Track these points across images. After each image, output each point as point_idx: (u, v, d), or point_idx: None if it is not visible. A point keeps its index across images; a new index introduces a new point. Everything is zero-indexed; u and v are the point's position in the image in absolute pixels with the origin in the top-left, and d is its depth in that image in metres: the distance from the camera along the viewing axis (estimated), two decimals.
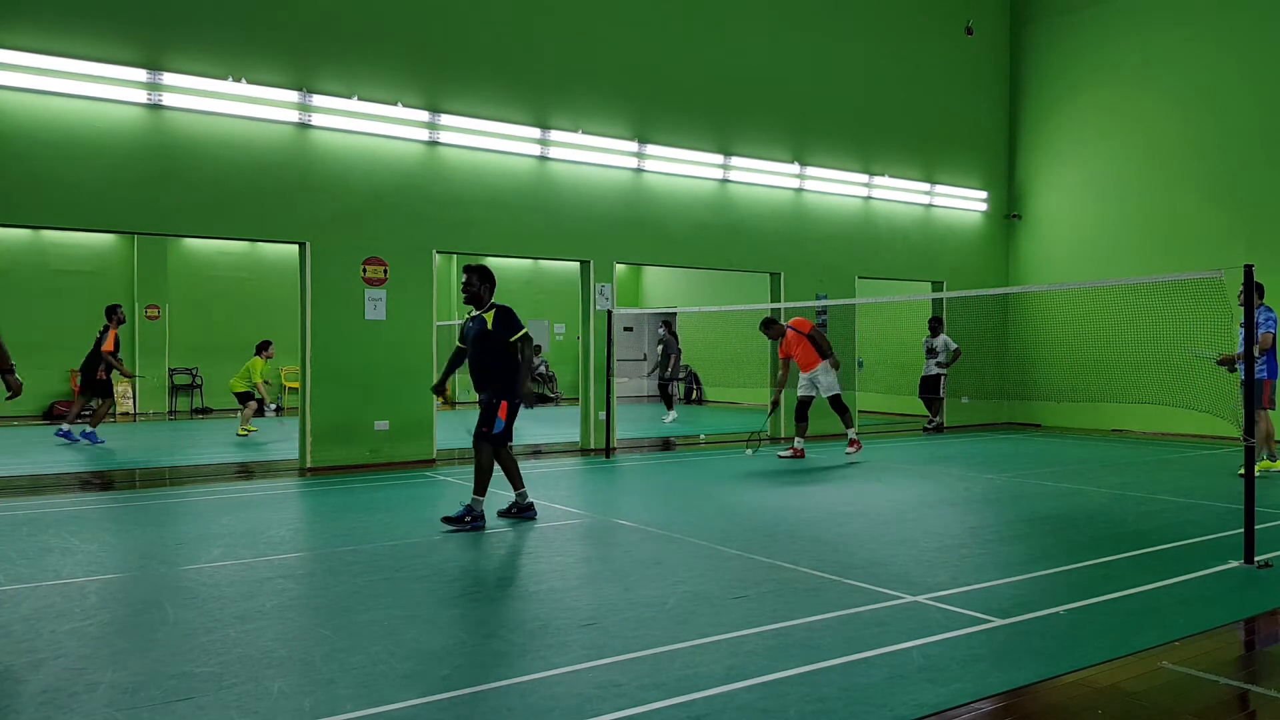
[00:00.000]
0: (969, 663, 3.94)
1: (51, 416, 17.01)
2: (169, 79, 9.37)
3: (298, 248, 10.37)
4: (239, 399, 14.06)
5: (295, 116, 10.05)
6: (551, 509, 7.62)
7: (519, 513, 7.24)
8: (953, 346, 14.65)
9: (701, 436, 14.31)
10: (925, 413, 15.46)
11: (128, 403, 17.92)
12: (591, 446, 12.11)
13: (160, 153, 9.42)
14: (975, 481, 9.36)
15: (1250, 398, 6.14)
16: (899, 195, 15.08)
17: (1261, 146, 13.31)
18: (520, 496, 7.26)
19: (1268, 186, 13.24)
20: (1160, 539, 6.46)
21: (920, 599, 4.89)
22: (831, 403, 11.19)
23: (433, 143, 10.88)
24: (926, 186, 15.37)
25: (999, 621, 4.49)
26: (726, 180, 13.25)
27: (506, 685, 3.70)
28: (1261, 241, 13.08)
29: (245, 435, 13.53)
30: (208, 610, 4.71)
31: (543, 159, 11.67)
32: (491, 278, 7.12)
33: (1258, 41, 13.41)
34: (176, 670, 3.84)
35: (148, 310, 18.25)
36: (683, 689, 3.61)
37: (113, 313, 12.73)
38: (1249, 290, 5.87)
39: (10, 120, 8.78)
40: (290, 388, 19.01)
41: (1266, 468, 9.43)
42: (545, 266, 21.75)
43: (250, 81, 9.78)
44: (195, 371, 18.82)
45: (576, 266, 12.43)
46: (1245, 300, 5.88)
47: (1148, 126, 14.59)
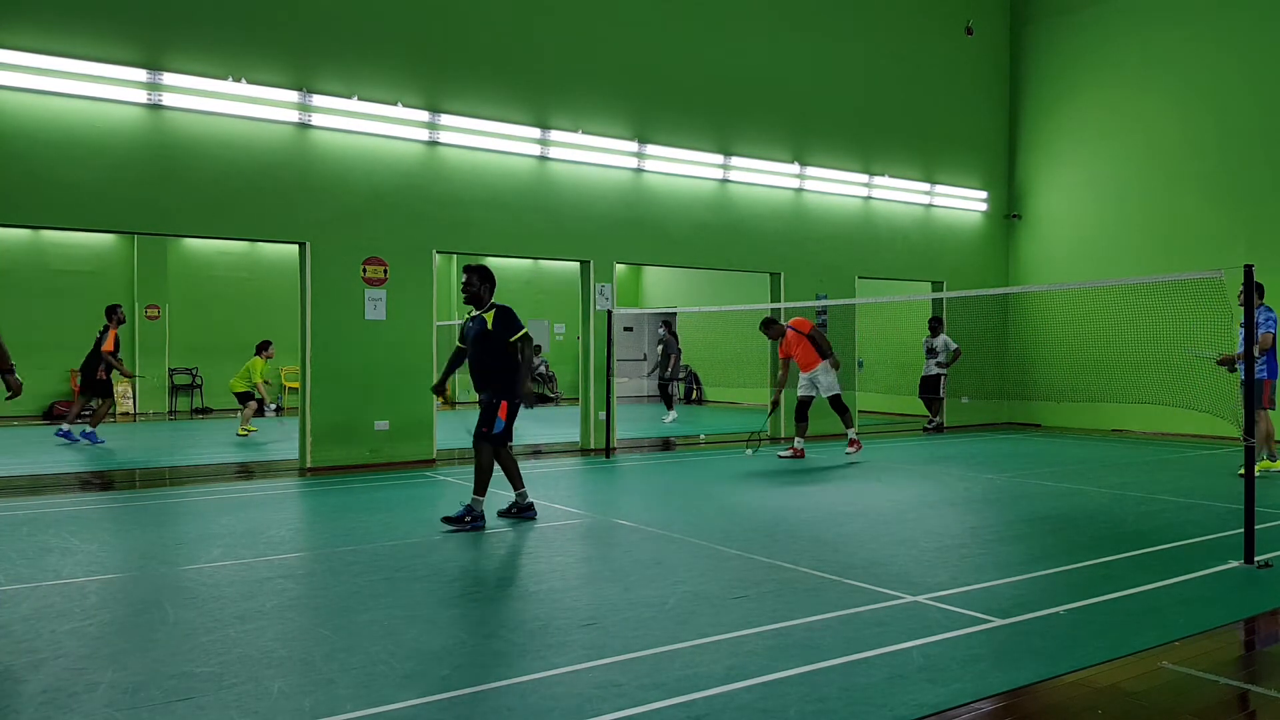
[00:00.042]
0: (969, 663, 3.94)
1: (51, 416, 17.01)
2: (169, 79, 9.38)
3: (298, 248, 10.38)
4: (239, 399, 14.07)
5: (295, 116, 10.05)
6: (551, 509, 7.62)
7: (519, 513, 7.24)
8: (953, 346, 14.65)
9: (701, 436, 14.31)
10: (925, 413, 15.46)
11: (128, 403, 17.92)
12: (591, 446, 12.11)
13: (160, 153, 9.43)
14: (975, 481, 9.36)
15: (1250, 398, 6.14)
16: (899, 195, 15.08)
17: (1261, 146, 13.31)
18: (520, 496, 7.26)
19: (1268, 186, 13.24)
20: (1160, 539, 6.47)
21: (920, 599, 4.89)
22: (831, 403, 11.20)
23: (433, 143, 10.89)
24: (926, 186, 15.37)
25: (999, 621, 4.49)
26: (726, 180, 13.25)
27: (506, 685, 3.70)
28: (1261, 241, 13.08)
29: (245, 435, 13.53)
30: (208, 610, 4.71)
31: (543, 159, 11.68)
32: (491, 278, 7.12)
33: (1258, 41, 13.41)
34: (176, 670, 3.84)
35: (148, 310, 18.25)
36: (683, 689, 3.61)
37: (113, 313, 12.73)
38: (1249, 290, 5.87)
39: (10, 120, 8.79)
40: (290, 388, 19.01)
41: (1266, 468, 9.44)
42: (545, 266, 21.75)
43: (250, 81, 9.78)
44: (195, 371, 18.82)
45: (576, 266, 12.43)
46: (1245, 300, 5.88)
47: (1148, 126, 14.59)
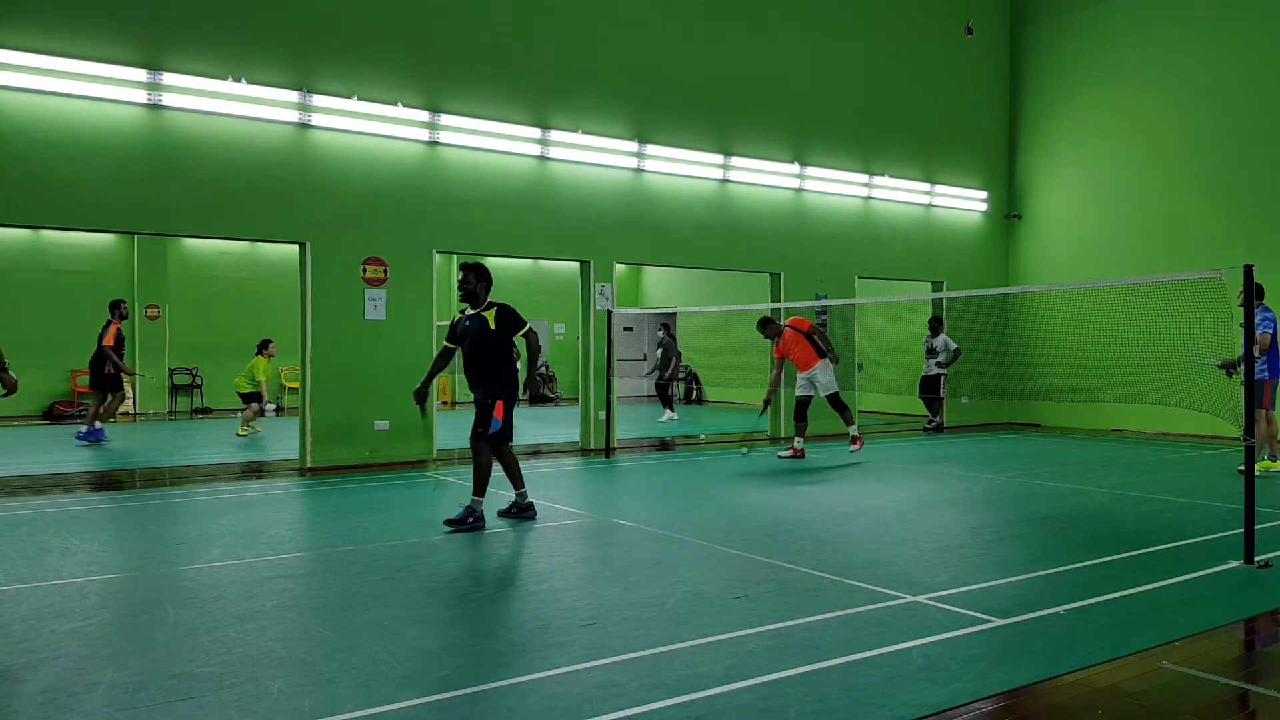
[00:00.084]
0: (969, 663, 3.94)
1: (51, 416, 17.02)
2: (169, 79, 9.37)
3: (298, 248, 10.37)
4: (244, 399, 14.01)
5: (295, 116, 10.05)
6: (551, 509, 7.62)
7: (519, 513, 7.24)
8: (953, 346, 14.65)
9: (701, 436, 14.31)
10: (925, 413, 15.47)
11: (128, 403, 17.91)
12: (591, 446, 12.11)
13: (160, 153, 9.43)
14: (975, 481, 9.36)
15: (1250, 397, 6.13)
16: (899, 195, 15.08)
17: (1261, 146, 13.31)
18: (520, 496, 7.26)
19: (1268, 186, 13.24)
20: (1160, 539, 6.47)
21: (920, 599, 4.89)
22: (830, 401, 11.20)
23: (433, 143, 10.88)
24: (926, 186, 15.37)
25: (999, 621, 4.49)
26: (726, 180, 13.24)
27: (506, 685, 3.70)
28: (1261, 241, 13.08)
29: (244, 436, 13.51)
30: (208, 610, 4.71)
31: (543, 159, 11.67)
32: (488, 276, 7.08)
33: (1258, 41, 13.41)
34: (176, 670, 3.84)
35: (148, 310, 18.25)
36: (683, 689, 3.61)
37: (115, 307, 12.71)
38: (1249, 290, 5.87)
39: (10, 120, 8.79)
40: (290, 388, 19.00)
41: (1266, 468, 9.44)
42: (545, 266, 21.75)
43: (250, 81, 9.78)
44: (195, 371, 18.82)
45: (576, 266, 12.43)
46: (1245, 300, 5.88)
47: (1148, 126, 14.59)
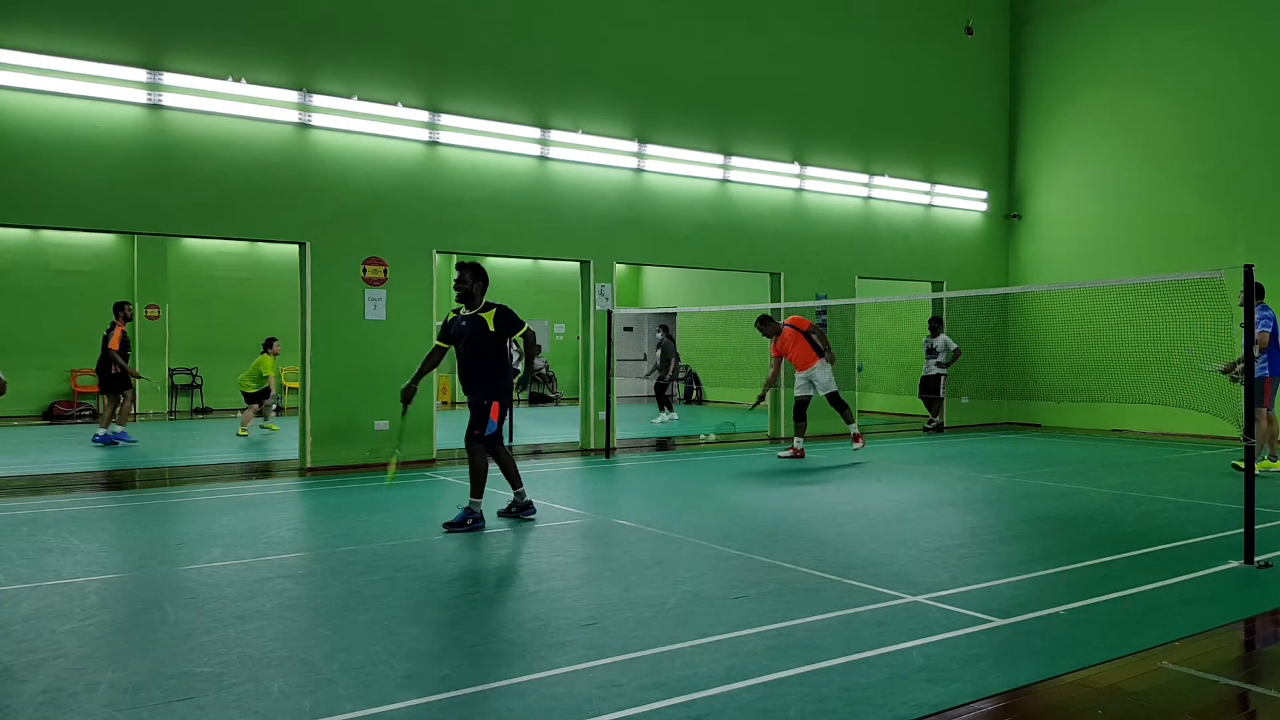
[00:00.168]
0: (969, 663, 3.94)
1: (51, 416, 17.02)
2: (169, 79, 9.37)
3: (298, 248, 10.37)
4: (246, 399, 13.99)
5: (295, 116, 10.05)
6: (551, 509, 7.62)
7: (518, 512, 7.24)
8: (953, 346, 14.65)
9: (701, 436, 14.31)
10: (925, 413, 15.47)
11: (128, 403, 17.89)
12: (591, 446, 12.11)
13: (160, 153, 9.42)
14: (975, 481, 9.36)
15: (1250, 397, 6.13)
16: (899, 195, 15.08)
17: (1261, 146, 13.31)
18: (519, 495, 7.26)
19: (1268, 186, 13.24)
20: (1160, 539, 6.47)
21: (920, 599, 4.89)
22: (830, 400, 11.20)
23: (433, 143, 10.88)
24: (926, 186, 15.37)
25: (999, 621, 4.49)
26: (726, 180, 13.24)
27: (506, 685, 3.70)
28: (1261, 241, 13.08)
29: (246, 435, 13.51)
30: (208, 610, 4.71)
31: (543, 159, 11.67)
32: (485, 276, 7.03)
33: (1258, 41, 13.41)
34: (176, 670, 3.84)
35: (148, 310, 18.25)
36: (683, 689, 3.61)
37: (120, 309, 12.70)
38: (1249, 290, 5.87)
39: (10, 120, 8.78)
40: (290, 387, 19.00)
41: (1266, 468, 9.44)
42: (545, 266, 21.75)
43: (250, 81, 9.78)
44: (195, 371, 18.82)
45: (576, 266, 12.42)
46: (1245, 300, 5.88)
47: (1148, 126, 14.59)
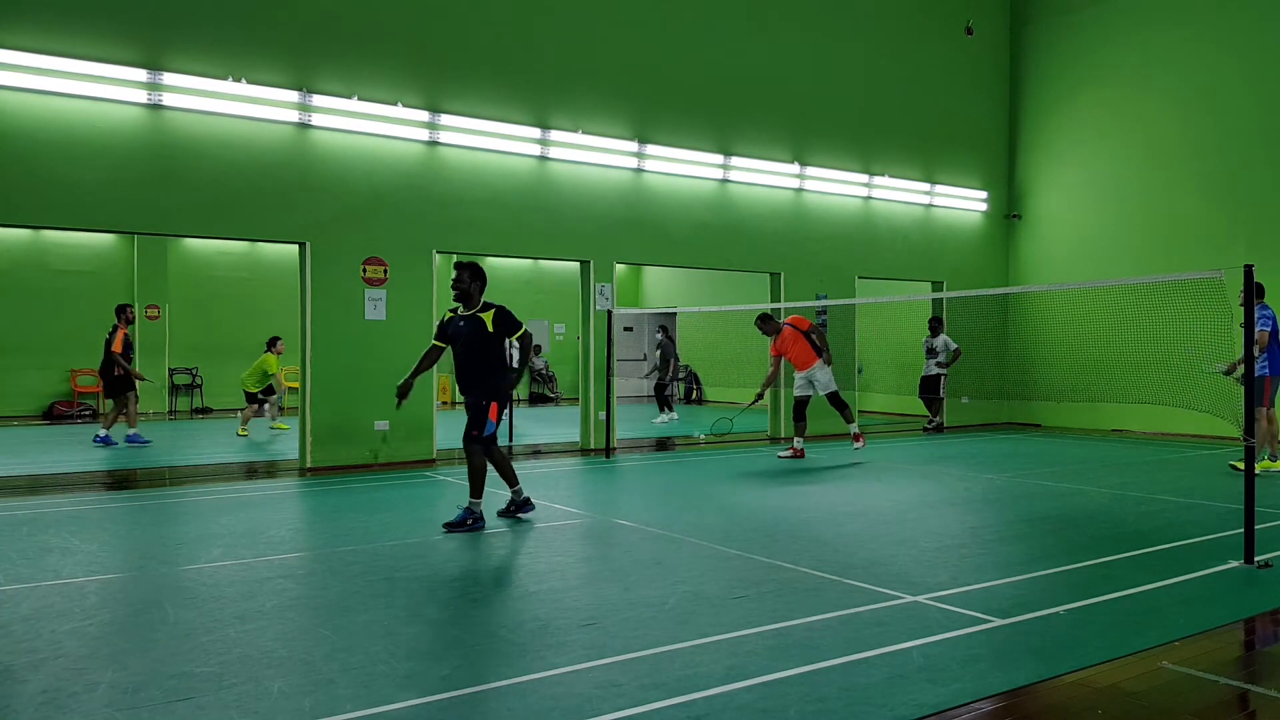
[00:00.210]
0: (969, 663, 3.94)
1: (51, 416, 17.02)
2: (169, 79, 9.37)
3: (298, 248, 10.37)
4: (248, 399, 13.97)
5: (295, 116, 10.05)
6: (551, 509, 7.62)
7: (517, 509, 7.24)
8: (953, 346, 14.65)
9: (701, 436, 14.30)
10: (925, 413, 15.47)
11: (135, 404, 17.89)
12: (591, 446, 12.11)
13: (160, 153, 9.42)
14: (975, 481, 9.36)
15: (1250, 397, 6.14)
16: (899, 195, 15.07)
17: (1261, 146, 13.31)
18: (516, 494, 7.26)
19: (1268, 186, 13.24)
20: (1160, 539, 6.47)
21: (920, 599, 4.89)
22: (830, 400, 11.20)
23: (433, 143, 10.88)
24: (926, 186, 15.37)
25: (999, 621, 4.49)
26: (726, 180, 13.24)
27: (506, 685, 3.70)
28: (1261, 241, 13.08)
29: (246, 435, 13.51)
30: (208, 610, 4.71)
31: (543, 159, 11.67)
32: (483, 276, 6.99)
33: (1258, 41, 13.41)
34: (176, 670, 3.84)
35: (148, 310, 18.24)
36: (683, 689, 3.61)
37: (122, 312, 12.70)
38: (1249, 290, 5.87)
39: (10, 120, 8.78)
40: (290, 387, 18.99)
41: (1266, 467, 9.44)
42: (545, 266, 21.75)
43: (250, 81, 9.78)
44: (195, 371, 18.82)
45: (576, 266, 12.43)
46: (1245, 300, 5.88)
47: (1148, 126, 14.59)
